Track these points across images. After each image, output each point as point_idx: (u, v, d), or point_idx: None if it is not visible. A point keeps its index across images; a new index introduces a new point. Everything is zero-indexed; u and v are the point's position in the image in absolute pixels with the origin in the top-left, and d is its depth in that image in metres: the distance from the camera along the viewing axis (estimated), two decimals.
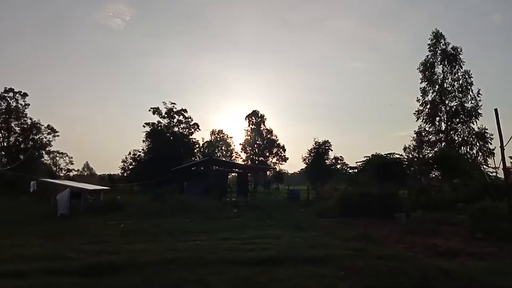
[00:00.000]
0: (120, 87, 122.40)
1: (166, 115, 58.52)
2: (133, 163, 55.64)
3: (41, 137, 54.51)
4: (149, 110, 57.81)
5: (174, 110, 58.83)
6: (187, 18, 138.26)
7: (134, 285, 6.74)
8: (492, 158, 37.98)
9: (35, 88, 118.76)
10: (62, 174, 62.97)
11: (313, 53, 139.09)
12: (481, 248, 10.13)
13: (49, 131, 55.02)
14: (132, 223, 16.30)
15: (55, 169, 61.30)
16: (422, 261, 8.34)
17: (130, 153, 56.38)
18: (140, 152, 56.14)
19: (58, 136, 55.51)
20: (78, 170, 77.39)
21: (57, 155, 62.08)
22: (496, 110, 6.08)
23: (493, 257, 8.98)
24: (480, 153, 39.12)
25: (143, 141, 56.23)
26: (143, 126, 56.86)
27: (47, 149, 56.01)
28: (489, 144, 38.40)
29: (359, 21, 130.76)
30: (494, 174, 28.09)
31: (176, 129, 59.11)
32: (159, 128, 57.27)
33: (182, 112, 59.31)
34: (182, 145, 56.81)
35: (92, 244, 10.68)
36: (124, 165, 56.23)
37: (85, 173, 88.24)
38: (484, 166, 36.42)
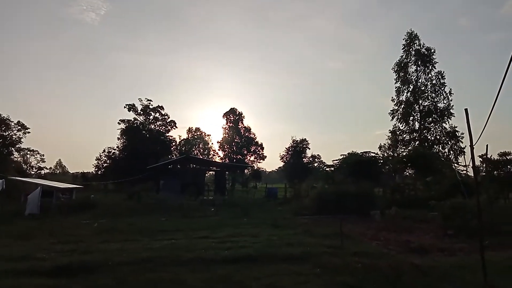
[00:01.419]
0: (94, 83, 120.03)
1: (142, 112, 57.55)
2: (108, 161, 54.45)
3: (10, 134, 52.50)
4: (125, 107, 56.76)
5: (150, 107, 57.93)
6: (165, 14, 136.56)
7: (107, 285, 6.58)
8: (463, 156, 39.27)
9: (4, 84, 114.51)
10: (33, 172, 61.15)
11: (292, 51, 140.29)
12: (452, 244, 10.46)
13: (19, 127, 53.01)
14: (106, 222, 15.95)
15: (25, 167, 59.40)
16: (396, 258, 8.51)
17: (104, 150, 55.21)
18: (115, 149, 55.03)
19: (29, 133, 53.59)
20: (50, 168, 75.37)
21: (28, 152, 60.25)
22: (466, 110, 6.24)
23: (463, 252, 9.29)
24: (451, 152, 40.37)
25: (118, 138, 55.17)
26: (118, 123, 55.76)
27: (17, 146, 53.98)
28: (460, 143, 39.69)
29: (338, 20, 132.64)
30: (465, 172, 29.08)
31: (152, 126, 58.24)
32: (135, 125, 56.25)
33: (159, 109, 58.47)
34: (158, 143, 55.98)
35: (64, 244, 10.39)
36: (98, 163, 54.97)
37: (58, 171, 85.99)
38: (455, 164, 37.63)
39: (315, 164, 55.42)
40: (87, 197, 25.03)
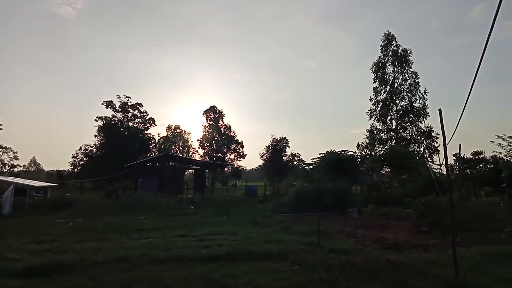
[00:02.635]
0: (70, 79, 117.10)
1: (120, 109, 56.68)
2: (85, 159, 53.40)
3: None
4: (102, 104, 55.83)
5: (129, 104, 57.12)
6: (144, 10, 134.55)
7: (82, 285, 6.46)
8: (437, 155, 40.41)
9: None
10: (6, 170, 59.34)
11: (272, 50, 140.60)
12: (426, 240, 10.74)
13: None
14: (82, 221, 15.63)
15: None
16: (372, 254, 8.69)
17: (81, 148, 54.16)
18: (92, 147, 54.04)
19: (1, 129, 51.97)
20: (23, 166, 73.38)
21: (0, 150, 58.27)
22: (440, 110, 6.42)
23: (437, 248, 9.55)
24: (427, 151, 41.50)
25: (96, 135, 54.19)
26: (96, 120, 54.80)
27: None
28: (435, 142, 40.82)
29: (317, 20, 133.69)
30: (439, 170, 29.93)
31: (131, 123, 57.42)
32: (113, 122, 55.31)
33: (137, 106, 57.72)
34: (137, 141, 55.25)
35: (37, 244, 10.12)
36: (74, 160, 53.85)
37: (32, 169, 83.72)
38: (430, 163, 38.69)
39: (295, 163, 55.83)
40: (62, 196, 24.43)
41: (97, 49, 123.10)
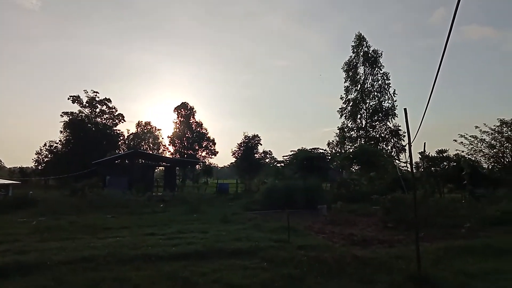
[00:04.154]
0: (34, 72, 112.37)
1: (87, 104, 55.01)
2: (49, 156, 51.48)
3: None
4: (68, 99, 54.00)
5: (97, 99, 55.50)
6: (113, 3, 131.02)
7: (45, 285, 6.25)
8: (404, 153, 41.72)
9: None
10: None
11: (243, 47, 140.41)
12: (392, 236, 11.08)
13: None
14: (46, 220, 15.05)
15: None
16: (340, 250, 8.86)
17: (45, 144, 52.16)
18: (57, 143, 52.16)
19: None
20: None
21: None
22: (405, 109, 6.60)
23: (401, 244, 9.87)
24: (394, 149, 42.78)
25: (61, 131, 52.30)
26: (61, 115, 52.89)
27: None
28: (402, 141, 42.15)
29: (289, 19, 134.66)
30: (406, 168, 30.90)
31: (98, 119, 55.85)
32: (79, 118, 53.61)
33: (106, 101, 56.17)
34: (105, 137, 53.82)
35: None
36: (38, 157, 51.80)
37: None
38: (397, 161, 39.90)
39: (267, 160, 56.10)
40: (25, 194, 23.47)
41: (63, 41, 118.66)
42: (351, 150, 39.18)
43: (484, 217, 12.79)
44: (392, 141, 42.99)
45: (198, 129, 65.88)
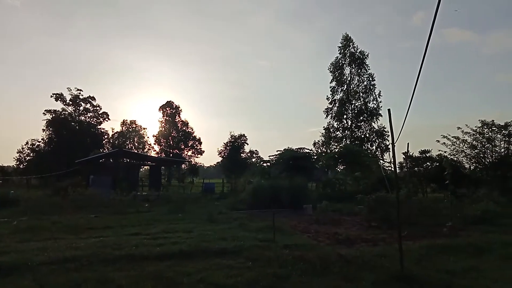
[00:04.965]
0: (15, 70, 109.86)
1: (71, 103, 54.15)
2: (31, 154, 50.50)
3: None
4: (51, 96, 53.06)
5: (81, 97, 54.69)
6: (97, 0, 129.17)
7: (25, 286, 6.12)
8: (388, 153, 42.32)
9: None
10: None
11: (229, 47, 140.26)
12: (375, 235, 11.22)
13: None
14: (27, 220, 14.72)
15: None
16: (324, 249, 8.92)
17: (27, 143, 51.15)
18: (39, 142, 51.21)
19: None
20: None
21: None
22: (389, 110, 6.69)
23: (385, 242, 10.00)
24: (378, 149, 43.37)
25: (44, 130, 51.36)
26: (44, 113, 51.93)
27: None
28: (386, 141, 42.73)
29: (276, 19, 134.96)
30: (390, 168, 31.31)
31: (82, 118, 55.04)
32: (63, 116, 52.70)
33: (90, 99, 55.41)
34: (89, 136, 53.05)
35: None
36: (20, 156, 50.78)
37: None
38: (382, 160, 40.44)
39: (253, 160, 56.12)
40: (5, 193, 22.93)
41: (45, 38, 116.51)
42: (336, 150, 39.53)
43: (465, 216, 13.06)
44: (377, 141, 43.58)
45: (184, 128, 65.46)
